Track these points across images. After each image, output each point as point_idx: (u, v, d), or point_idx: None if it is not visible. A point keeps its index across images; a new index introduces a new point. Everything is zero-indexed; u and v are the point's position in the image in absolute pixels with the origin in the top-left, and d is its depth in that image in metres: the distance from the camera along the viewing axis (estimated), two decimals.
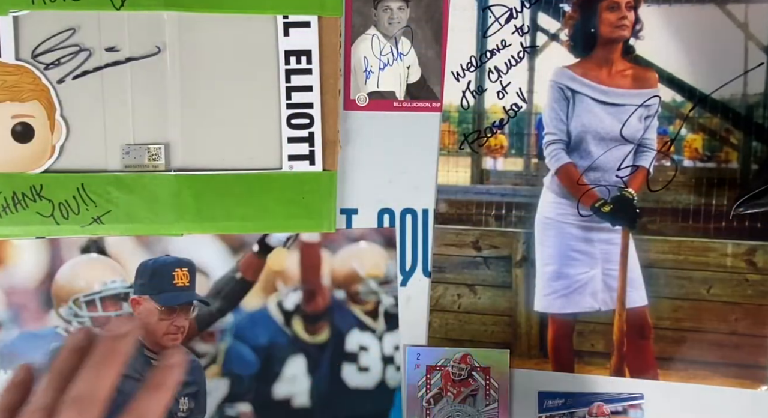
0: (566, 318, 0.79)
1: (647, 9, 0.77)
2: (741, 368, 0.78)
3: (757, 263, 0.77)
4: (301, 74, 0.74)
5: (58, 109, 0.73)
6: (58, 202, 0.73)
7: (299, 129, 0.75)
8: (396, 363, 0.80)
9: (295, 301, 0.79)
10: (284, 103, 0.74)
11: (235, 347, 0.79)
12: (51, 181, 0.73)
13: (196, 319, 0.78)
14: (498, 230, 0.79)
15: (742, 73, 0.76)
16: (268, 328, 0.79)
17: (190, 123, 0.74)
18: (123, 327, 0.49)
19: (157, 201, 0.73)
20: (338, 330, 0.79)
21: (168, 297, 0.75)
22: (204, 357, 0.78)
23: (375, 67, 0.78)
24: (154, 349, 0.75)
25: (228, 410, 0.79)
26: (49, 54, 0.73)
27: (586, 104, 0.78)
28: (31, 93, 0.73)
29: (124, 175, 0.73)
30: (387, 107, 0.78)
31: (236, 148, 0.75)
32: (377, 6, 0.78)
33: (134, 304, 0.76)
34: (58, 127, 0.73)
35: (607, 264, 0.78)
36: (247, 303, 0.79)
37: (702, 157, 0.78)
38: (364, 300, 0.79)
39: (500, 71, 0.78)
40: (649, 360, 0.79)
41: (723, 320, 0.78)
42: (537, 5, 0.77)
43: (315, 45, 0.74)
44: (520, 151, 0.79)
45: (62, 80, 0.73)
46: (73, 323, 0.77)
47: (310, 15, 0.74)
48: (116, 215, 0.73)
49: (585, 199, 0.78)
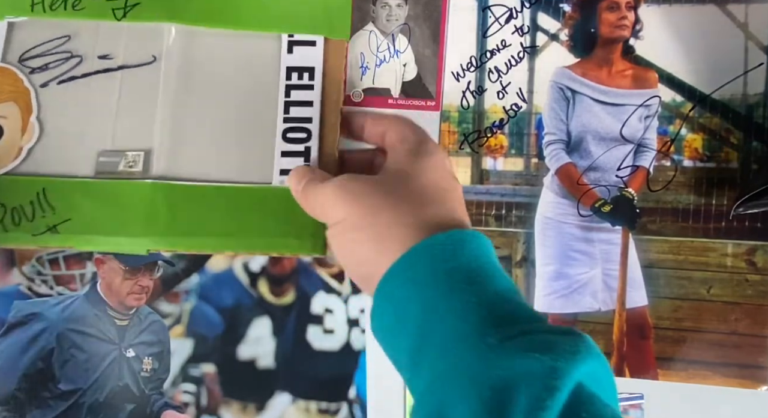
0: (566, 318, 0.79)
1: (647, 9, 0.77)
2: (741, 368, 0.78)
3: (757, 263, 0.78)
4: (301, 89, 0.70)
5: (35, 111, 0.69)
6: (12, 207, 0.66)
7: (295, 143, 0.69)
8: (361, 326, 0.79)
9: (261, 263, 0.79)
10: (281, 117, 0.70)
11: (199, 307, 0.78)
12: (8, 184, 0.66)
13: (160, 279, 0.77)
14: (498, 230, 0.79)
15: (742, 73, 0.76)
16: (234, 289, 0.79)
17: (177, 131, 0.69)
18: None
19: (126, 210, 0.65)
20: (304, 292, 0.79)
21: (132, 257, 0.74)
22: (168, 317, 0.78)
23: (371, 64, 0.78)
24: (118, 309, 0.75)
25: (192, 371, 0.78)
26: (37, 58, 0.70)
27: (586, 104, 0.78)
28: (8, 94, 0.69)
29: (94, 181, 0.66)
30: (382, 104, 0.78)
31: (225, 160, 0.69)
32: (376, 2, 0.77)
33: (98, 263, 0.75)
34: (30, 130, 0.69)
35: (607, 264, 0.78)
36: (213, 264, 0.78)
37: (702, 157, 0.78)
38: (330, 263, 0.79)
39: (500, 71, 0.78)
40: (649, 360, 0.79)
41: (723, 320, 0.78)
42: (537, 5, 0.77)
43: (319, 62, 0.70)
44: (520, 151, 0.79)
45: (46, 84, 0.69)
46: (36, 281, 0.77)
47: (316, 35, 0.70)
48: (75, 225, 0.65)
49: (585, 199, 0.78)
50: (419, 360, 0.48)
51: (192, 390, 0.78)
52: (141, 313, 0.77)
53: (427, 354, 0.47)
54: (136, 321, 0.77)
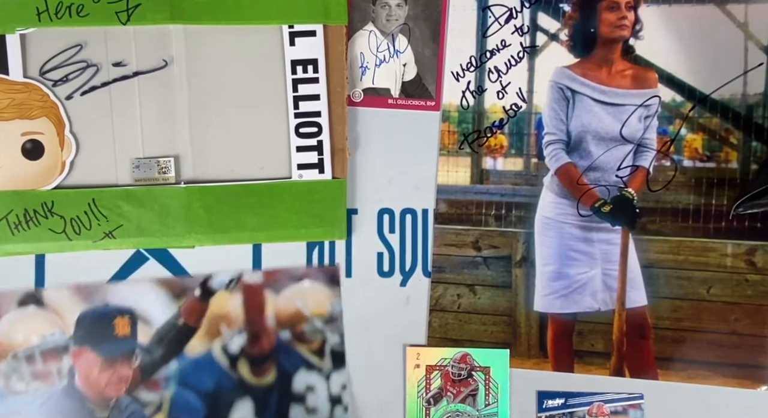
0: (566, 318, 0.79)
1: (647, 9, 0.77)
2: (741, 368, 0.78)
3: (757, 263, 0.78)
4: (308, 83, 0.74)
5: (67, 125, 0.73)
6: (70, 218, 0.73)
7: (307, 138, 0.75)
8: (344, 403, 0.79)
9: (240, 343, 0.78)
10: (292, 113, 0.75)
11: (180, 394, 0.77)
12: (62, 198, 0.73)
13: (139, 367, 0.76)
14: (498, 229, 0.79)
15: (742, 73, 0.77)
16: (213, 373, 0.78)
17: (198, 135, 0.75)
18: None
19: (168, 214, 0.74)
20: (285, 371, 0.78)
21: (109, 347, 0.74)
22: (149, 406, 0.77)
23: (371, 64, 0.78)
24: (97, 401, 0.74)
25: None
26: (56, 70, 0.73)
27: (586, 104, 0.78)
28: (40, 110, 0.73)
29: (135, 189, 0.74)
30: (381, 104, 0.78)
31: (246, 159, 0.75)
32: (375, 2, 0.77)
33: (75, 356, 0.75)
34: (68, 143, 0.74)
35: (607, 264, 0.78)
36: (191, 349, 0.77)
37: (702, 157, 0.78)
38: (310, 339, 0.78)
39: (500, 71, 0.78)
40: (649, 360, 0.79)
41: (723, 320, 0.78)
42: (537, 5, 0.77)
43: (321, 54, 0.74)
44: (520, 151, 0.79)
45: (70, 96, 0.73)
46: (13, 379, 0.76)
47: (315, 24, 0.74)
48: (127, 229, 0.74)
49: (585, 199, 0.78)
50: None
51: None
52: (121, 403, 0.76)
53: None
54: (116, 413, 0.76)
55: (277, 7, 0.74)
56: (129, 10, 0.72)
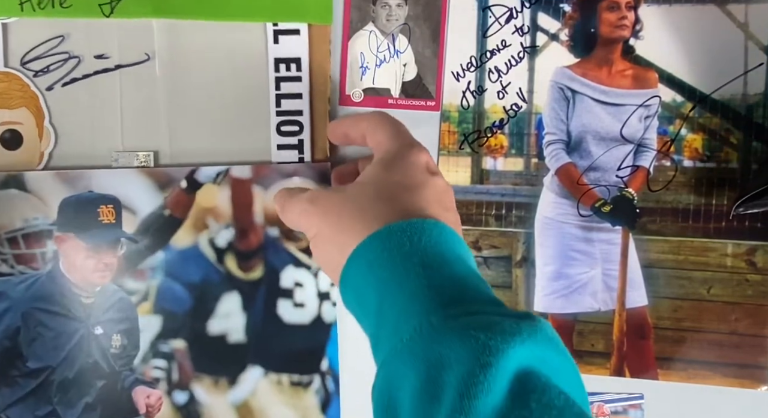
0: (566, 318, 0.79)
1: (647, 9, 0.77)
2: (741, 368, 0.78)
3: (757, 263, 0.78)
4: (290, 81, 0.74)
5: (46, 116, 0.73)
6: None
7: (289, 136, 0.75)
8: (332, 299, 0.79)
9: (228, 238, 0.77)
10: (274, 110, 0.75)
11: (166, 284, 0.77)
12: None
13: (124, 257, 0.76)
14: (498, 229, 0.79)
15: (742, 73, 0.76)
16: (200, 265, 0.77)
17: (178, 130, 0.74)
18: None
19: None
20: (272, 267, 0.78)
21: (94, 235, 0.74)
22: (135, 295, 0.77)
23: (371, 64, 0.78)
24: (83, 286, 0.74)
25: (162, 347, 0.78)
26: (38, 61, 0.73)
27: (586, 104, 0.78)
28: (19, 100, 0.73)
29: None
30: (381, 104, 0.78)
31: (225, 156, 0.75)
32: (376, 2, 0.77)
33: (59, 241, 0.74)
34: (47, 134, 0.73)
35: (607, 264, 0.79)
36: (178, 241, 0.77)
37: (702, 157, 0.78)
38: (298, 237, 0.78)
39: (500, 71, 0.78)
40: (649, 360, 0.79)
41: (723, 320, 0.78)
42: (537, 5, 0.77)
43: (305, 52, 0.75)
44: (520, 151, 0.79)
45: (51, 87, 0.73)
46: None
47: (299, 23, 0.74)
48: None
49: (585, 199, 0.78)
50: (378, 340, 0.50)
51: (163, 366, 0.77)
52: (107, 290, 0.76)
53: (383, 333, 0.49)
54: (102, 299, 0.76)
55: (262, 5, 0.73)
56: (112, 2, 0.72)
